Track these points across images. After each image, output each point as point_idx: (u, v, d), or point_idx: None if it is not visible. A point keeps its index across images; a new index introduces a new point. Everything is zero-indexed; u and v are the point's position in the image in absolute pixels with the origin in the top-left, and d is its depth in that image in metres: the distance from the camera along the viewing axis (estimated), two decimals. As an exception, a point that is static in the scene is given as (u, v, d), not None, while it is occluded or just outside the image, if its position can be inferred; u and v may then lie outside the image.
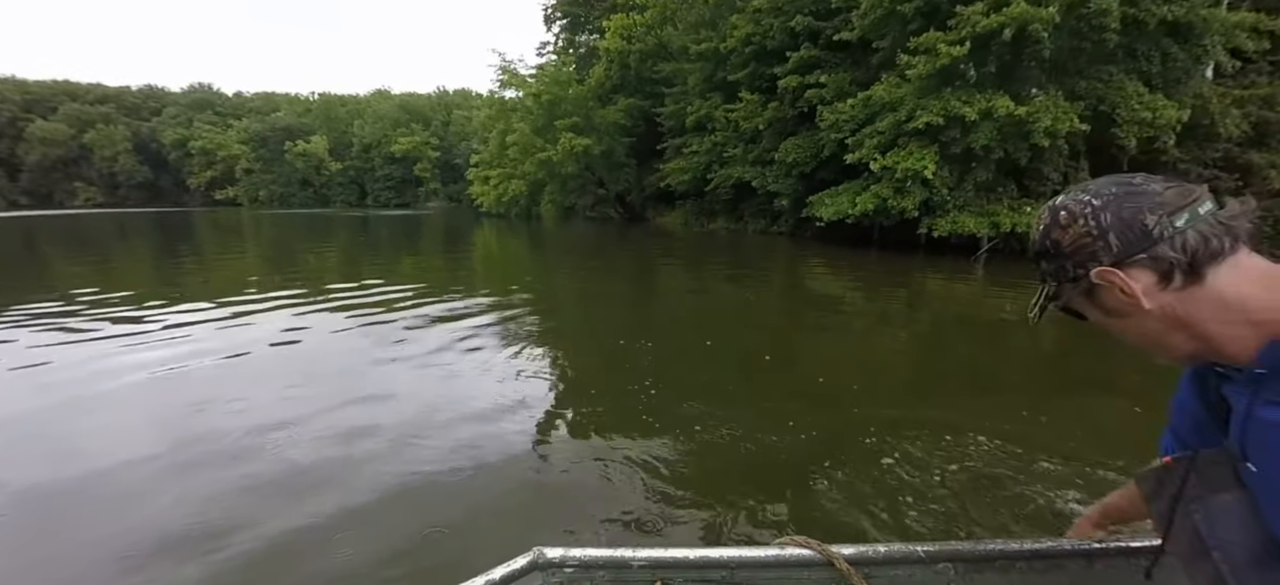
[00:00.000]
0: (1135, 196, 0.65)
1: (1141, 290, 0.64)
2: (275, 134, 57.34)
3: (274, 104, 65.06)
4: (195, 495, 2.67)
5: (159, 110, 62.66)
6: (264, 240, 18.51)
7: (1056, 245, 0.71)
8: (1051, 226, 0.71)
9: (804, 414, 3.60)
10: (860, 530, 2.39)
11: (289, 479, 2.83)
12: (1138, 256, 0.64)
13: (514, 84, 30.65)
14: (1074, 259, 0.69)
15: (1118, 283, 0.66)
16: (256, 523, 2.44)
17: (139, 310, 6.74)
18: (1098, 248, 0.66)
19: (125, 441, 3.27)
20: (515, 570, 0.90)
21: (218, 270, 11.22)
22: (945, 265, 11.59)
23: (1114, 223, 0.65)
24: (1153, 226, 0.63)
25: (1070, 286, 0.71)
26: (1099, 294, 0.69)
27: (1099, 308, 0.71)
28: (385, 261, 12.84)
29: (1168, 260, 0.63)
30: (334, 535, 2.38)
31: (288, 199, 57.11)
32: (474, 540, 2.38)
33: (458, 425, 3.46)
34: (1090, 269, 0.67)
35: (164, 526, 2.45)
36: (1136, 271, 0.65)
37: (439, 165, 55.12)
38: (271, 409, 3.67)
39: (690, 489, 2.76)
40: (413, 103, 60.51)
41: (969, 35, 11.42)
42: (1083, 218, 0.67)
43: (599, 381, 4.51)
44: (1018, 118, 11.43)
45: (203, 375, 4.38)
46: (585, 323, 7.05)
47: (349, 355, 5.00)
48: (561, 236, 20.12)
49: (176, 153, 59.54)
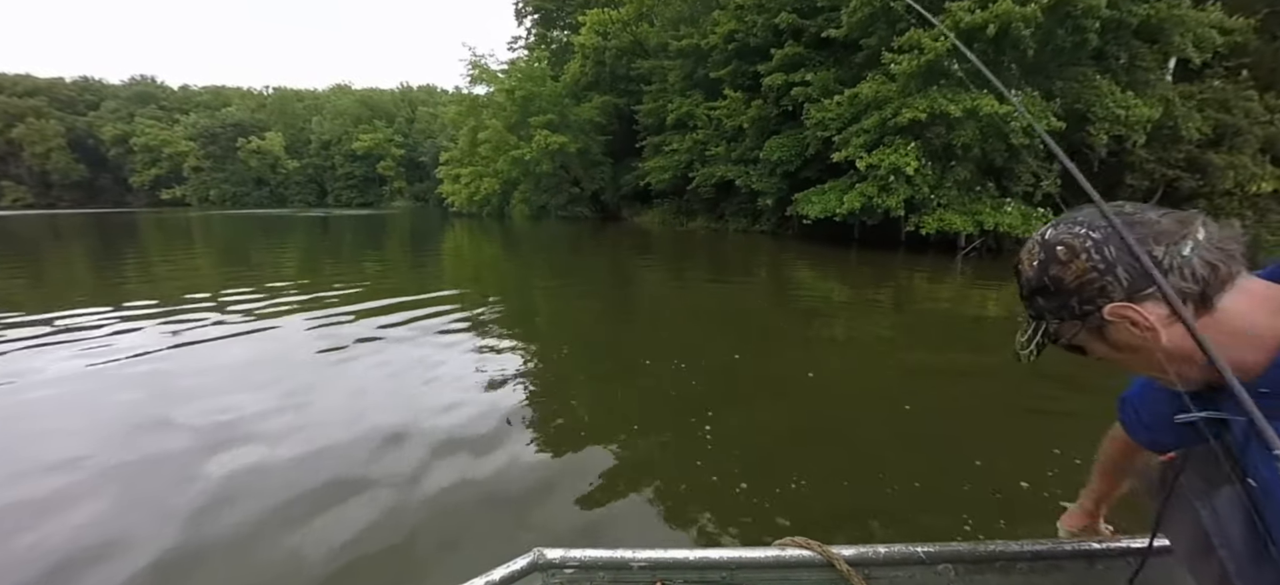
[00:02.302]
0: (1135, 227, 0.64)
1: (1155, 320, 0.63)
2: (226, 130, 55.68)
3: (224, 98, 63.18)
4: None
5: (96, 104, 60.08)
6: (215, 243, 17.89)
7: (1057, 282, 0.68)
8: (1048, 263, 0.69)
9: (810, 413, 3.64)
10: (861, 530, 2.44)
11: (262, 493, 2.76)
12: (1149, 290, 0.63)
13: (485, 79, 30.41)
14: (1080, 296, 0.67)
15: (1133, 318, 0.64)
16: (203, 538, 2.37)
17: (69, 318, 6.44)
18: (1106, 283, 0.65)
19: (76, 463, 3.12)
20: (515, 571, 0.91)
21: (165, 278, 10.81)
22: (926, 264, 11.93)
23: (1120, 256, 0.64)
24: (1162, 258, 0.62)
25: (1075, 324, 0.70)
26: (1109, 331, 0.67)
27: (1107, 343, 0.69)
28: (348, 265, 12.55)
29: (1180, 292, 0.62)
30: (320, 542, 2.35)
31: (241, 198, 55.57)
32: (466, 547, 2.38)
33: (452, 428, 3.44)
34: (1101, 305, 0.65)
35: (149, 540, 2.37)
36: (1150, 305, 0.63)
37: (404, 163, 54.40)
38: (231, 421, 3.55)
39: (690, 489, 2.78)
40: (375, 98, 59.55)
41: (953, 28, 11.77)
42: (1084, 252, 0.66)
43: (605, 384, 4.51)
44: (999, 116, 11.86)
45: (164, 381, 4.21)
46: (577, 323, 7.00)
47: (320, 368, 4.86)
48: (539, 236, 19.97)
49: (117, 149, 57.25)
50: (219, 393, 4.06)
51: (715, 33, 19.26)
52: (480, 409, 3.77)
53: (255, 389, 4.13)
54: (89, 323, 6.18)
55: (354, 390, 4.17)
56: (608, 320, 7.20)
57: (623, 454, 3.15)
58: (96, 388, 4.22)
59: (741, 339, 5.77)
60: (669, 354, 5.07)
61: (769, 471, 2.88)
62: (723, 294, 8.85)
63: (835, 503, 2.68)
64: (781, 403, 3.98)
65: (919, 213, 13.34)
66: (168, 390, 4.15)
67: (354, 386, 4.25)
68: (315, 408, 3.80)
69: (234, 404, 3.83)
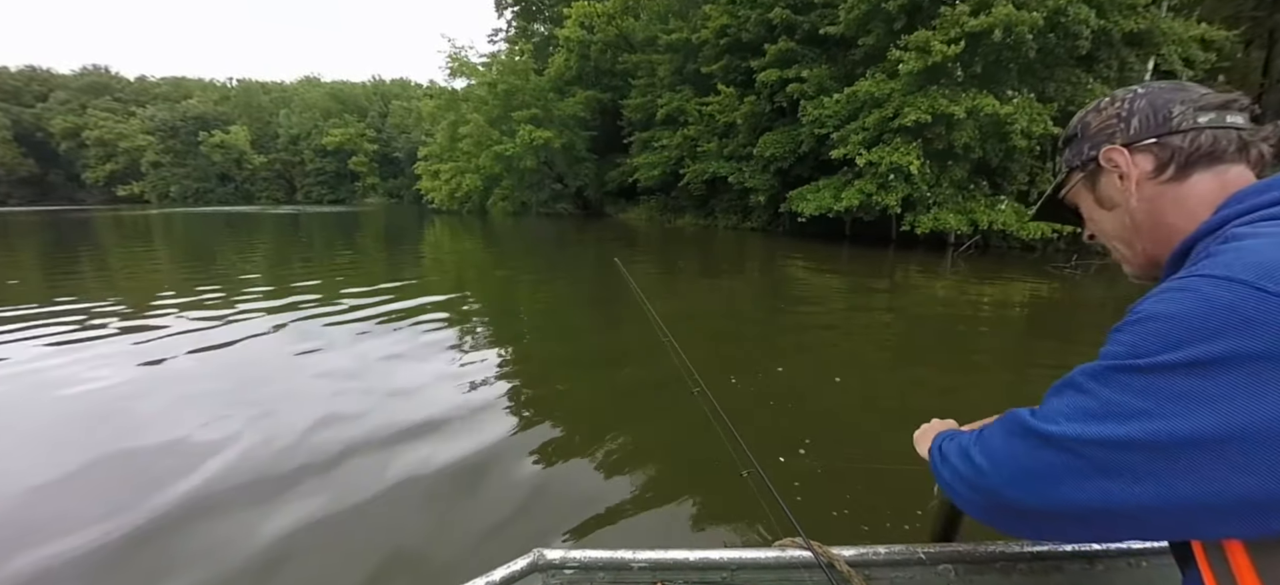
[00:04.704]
0: (1175, 90, 0.67)
1: (1136, 175, 0.67)
2: (187, 123, 54.72)
3: (185, 90, 62.06)
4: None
5: (45, 95, 58.62)
6: (178, 243, 17.53)
7: (1085, 128, 0.74)
8: (1090, 111, 0.74)
9: (818, 411, 3.68)
10: (862, 531, 2.50)
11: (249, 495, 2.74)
12: (1147, 140, 0.66)
13: (465, 73, 30.25)
14: (1092, 141, 0.72)
15: (1119, 164, 0.68)
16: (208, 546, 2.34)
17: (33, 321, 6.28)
18: (1116, 129, 0.69)
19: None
20: (515, 572, 0.92)
21: (125, 284, 10.57)
22: (916, 260, 12.27)
23: (1144, 107, 0.67)
24: (1176, 115, 0.65)
25: (1078, 173, 0.75)
26: (1099, 180, 0.72)
27: (1093, 196, 0.74)
28: (325, 266, 12.38)
29: (1171, 149, 0.65)
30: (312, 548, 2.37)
31: (204, 195, 54.69)
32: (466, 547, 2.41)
33: (451, 428, 3.49)
34: (1102, 150, 0.70)
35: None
36: (1141, 157, 0.67)
37: (377, 159, 53.92)
38: (205, 426, 3.50)
39: (689, 490, 2.83)
40: (345, 91, 58.98)
41: (961, 35, 12.06)
42: (1120, 100, 0.71)
43: (614, 387, 4.52)
44: (999, 118, 12.17)
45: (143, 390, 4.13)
46: (576, 324, 6.99)
47: (302, 372, 4.80)
48: (524, 234, 19.88)
49: (68, 143, 55.92)
50: (191, 400, 4.00)
51: (706, 27, 19.40)
52: (478, 408, 3.80)
53: (226, 391, 4.08)
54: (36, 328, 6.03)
55: (353, 391, 4.14)
56: (609, 319, 7.20)
57: (622, 454, 3.18)
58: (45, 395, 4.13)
59: (743, 337, 5.81)
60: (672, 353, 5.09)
61: (772, 472, 2.91)
62: (723, 291, 8.90)
63: (841, 504, 2.73)
64: (786, 401, 4.02)
65: (915, 211, 13.61)
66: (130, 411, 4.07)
67: (354, 388, 4.23)
68: (302, 413, 3.76)
69: (206, 411, 3.78)
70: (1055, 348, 5.16)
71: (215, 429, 3.51)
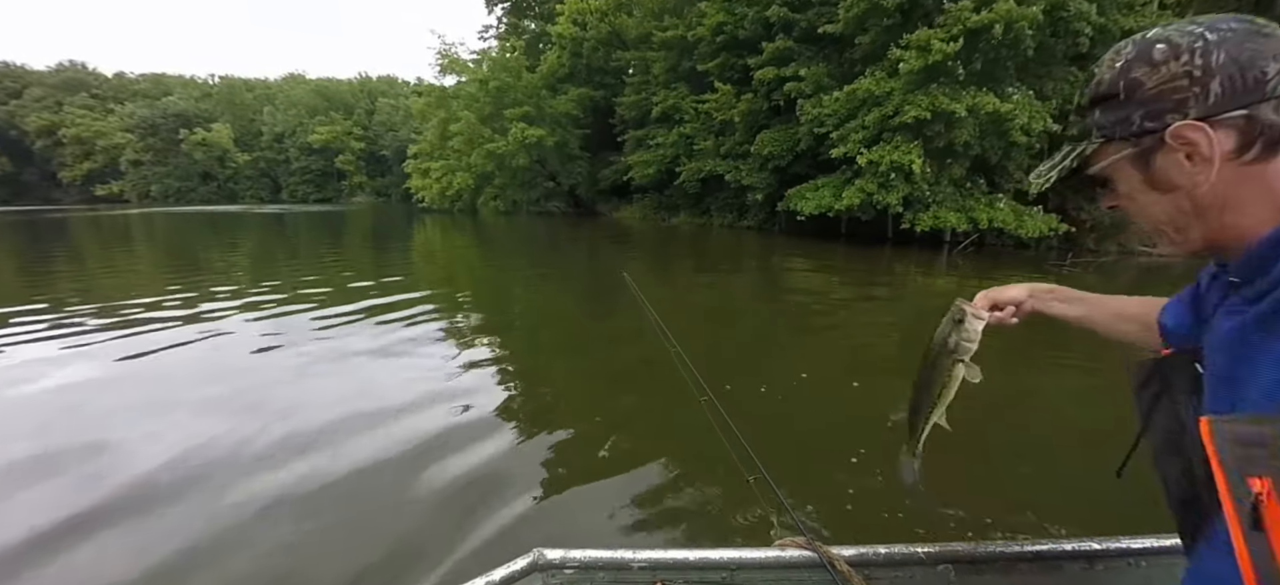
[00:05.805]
0: (1259, 38, 0.54)
1: (1218, 156, 0.55)
2: (168, 121, 54.12)
3: (165, 87, 61.33)
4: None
5: (18, 92, 57.80)
6: (160, 245, 17.36)
7: (1133, 88, 0.59)
8: (1135, 62, 0.59)
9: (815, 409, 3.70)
10: (863, 529, 2.53)
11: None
12: (1232, 113, 0.54)
13: (455, 70, 30.13)
14: (1150, 107, 0.58)
15: (1196, 143, 0.55)
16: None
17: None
18: (1190, 95, 0.55)
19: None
20: (516, 571, 0.93)
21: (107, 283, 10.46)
22: (913, 258, 12.45)
23: (1226, 64, 0.53)
24: (1271, 76, 0.52)
25: (1122, 145, 0.61)
26: (1156, 159, 0.59)
27: (1143, 176, 0.61)
28: (315, 272, 12.30)
29: (1262, 124, 0.53)
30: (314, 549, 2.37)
31: (186, 194, 54.16)
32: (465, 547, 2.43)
33: (449, 428, 3.50)
34: (1169, 122, 0.56)
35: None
36: (1222, 133, 0.54)
37: (364, 157, 53.66)
38: (199, 429, 3.48)
39: (689, 490, 2.85)
40: (331, 89, 58.57)
41: (961, 32, 12.13)
42: (1189, 52, 0.55)
43: (616, 386, 4.54)
44: (999, 115, 12.28)
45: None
46: (574, 325, 7.00)
47: (302, 375, 4.77)
48: (517, 233, 19.85)
49: (44, 141, 55.25)
50: (191, 402, 3.98)
51: (702, 25, 19.43)
52: (478, 409, 3.82)
53: (234, 393, 4.06)
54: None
55: (355, 390, 4.15)
56: (609, 316, 7.21)
57: (623, 454, 3.21)
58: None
59: (743, 337, 5.83)
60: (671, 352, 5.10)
61: (773, 472, 2.94)
62: (721, 289, 8.93)
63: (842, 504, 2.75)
64: (787, 399, 4.04)
65: (914, 209, 13.71)
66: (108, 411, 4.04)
67: (355, 386, 4.24)
68: (308, 418, 3.75)
69: (213, 410, 3.78)
70: (1050, 344, 5.23)
71: (215, 428, 3.52)
